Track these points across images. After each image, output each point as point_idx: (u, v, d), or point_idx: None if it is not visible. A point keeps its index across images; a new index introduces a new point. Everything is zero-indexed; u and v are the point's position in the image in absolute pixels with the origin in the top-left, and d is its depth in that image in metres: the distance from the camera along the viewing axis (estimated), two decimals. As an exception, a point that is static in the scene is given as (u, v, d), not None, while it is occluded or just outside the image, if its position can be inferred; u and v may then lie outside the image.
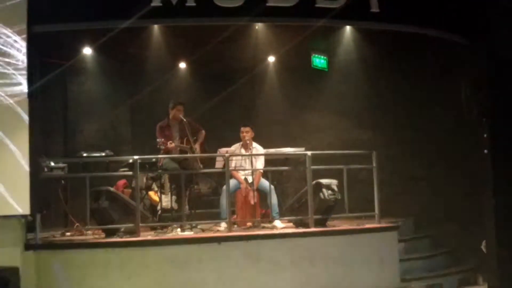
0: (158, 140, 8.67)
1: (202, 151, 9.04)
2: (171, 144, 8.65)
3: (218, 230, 8.54)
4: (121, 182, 9.56)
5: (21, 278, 7.02)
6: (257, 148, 9.30)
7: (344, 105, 11.11)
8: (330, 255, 8.06)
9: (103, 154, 9.45)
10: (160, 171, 8.96)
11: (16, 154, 7.25)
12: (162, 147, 8.69)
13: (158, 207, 9.24)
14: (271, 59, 11.60)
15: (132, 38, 9.63)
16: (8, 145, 7.24)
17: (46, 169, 8.50)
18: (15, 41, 7.36)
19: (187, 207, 8.90)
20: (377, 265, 8.24)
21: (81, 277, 7.41)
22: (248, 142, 9.19)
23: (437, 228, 9.76)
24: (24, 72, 7.35)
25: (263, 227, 8.80)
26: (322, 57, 11.23)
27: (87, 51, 10.58)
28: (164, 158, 8.81)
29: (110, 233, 8.11)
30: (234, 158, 9.06)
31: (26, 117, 7.29)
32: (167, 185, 9.33)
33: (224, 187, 8.58)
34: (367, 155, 8.84)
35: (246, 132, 9.21)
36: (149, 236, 8.08)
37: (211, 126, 9.87)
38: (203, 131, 9.15)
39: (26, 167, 7.23)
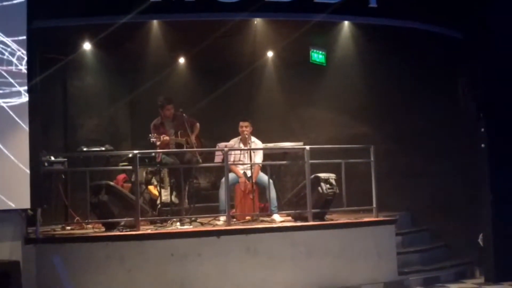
0: (150, 135, 8.70)
1: (198, 143, 9.09)
2: (164, 138, 8.69)
3: (217, 224, 8.59)
4: (121, 176, 9.61)
5: (22, 272, 7.04)
6: (255, 142, 9.35)
7: (342, 100, 11.13)
8: (328, 248, 8.11)
9: (103, 148, 9.50)
10: (159, 165, 9.01)
11: (17, 148, 7.27)
12: (158, 142, 8.72)
13: (158, 201, 9.27)
14: (270, 54, 11.61)
15: (132, 33, 9.63)
16: (8, 139, 7.26)
17: (46, 164, 8.53)
18: (15, 36, 7.39)
19: (186, 201, 8.95)
20: (375, 259, 8.29)
21: (81, 271, 7.45)
22: (247, 136, 9.24)
23: (434, 222, 9.81)
24: (24, 67, 7.38)
25: (262, 221, 8.84)
26: (320, 52, 11.23)
27: (87, 46, 10.57)
28: (163, 152, 8.85)
29: (110, 227, 8.16)
30: (233, 152, 9.10)
31: (26, 112, 7.32)
32: (167, 179, 9.38)
33: (223, 181, 8.63)
34: (365, 149, 8.89)
35: (246, 127, 9.25)
36: (148, 230, 8.13)
37: (210, 120, 9.92)
38: (197, 124, 9.20)
39: (27, 162, 7.26)
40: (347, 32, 10.26)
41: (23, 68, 7.37)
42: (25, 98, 7.34)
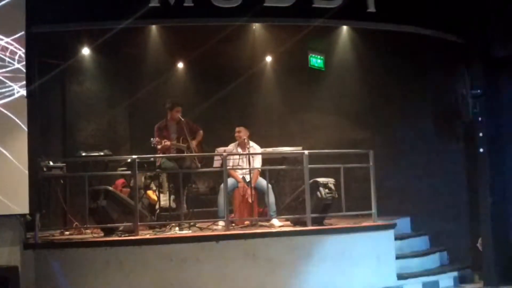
0: (152, 139, 8.69)
1: (200, 151, 9.08)
2: (165, 143, 8.68)
3: (216, 229, 8.59)
4: (120, 181, 9.61)
5: (21, 277, 7.04)
6: (253, 147, 9.35)
7: (341, 105, 11.14)
8: (327, 253, 8.09)
9: (102, 153, 9.48)
10: (158, 170, 9.00)
11: (15, 154, 7.26)
12: (159, 146, 8.72)
13: (157, 206, 9.27)
14: (269, 59, 11.62)
15: (130, 38, 9.67)
16: (7, 145, 7.26)
17: (45, 169, 8.51)
18: (14, 41, 7.39)
19: (185, 206, 8.94)
20: (374, 263, 8.28)
21: (80, 276, 7.44)
22: (246, 141, 9.24)
23: (433, 226, 9.80)
24: (23, 72, 7.38)
25: (261, 226, 8.83)
26: (319, 57, 11.26)
27: (86, 51, 10.60)
28: (162, 157, 8.84)
29: (108, 232, 8.15)
30: (231, 157, 9.10)
31: (24, 117, 7.32)
32: (165, 184, 9.38)
33: (222, 186, 8.62)
34: (364, 154, 8.89)
35: (238, 132, 9.28)
36: (147, 235, 8.11)
37: (209, 125, 9.91)
38: (201, 131, 9.20)
39: (25, 167, 7.26)
40: (345, 36, 10.31)
41: (16, 63, 7.35)
42: (19, 95, 7.30)
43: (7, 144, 7.24)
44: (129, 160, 8.75)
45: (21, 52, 7.41)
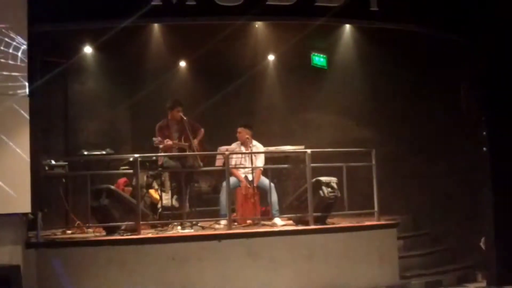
0: (154, 139, 8.68)
1: (201, 150, 9.07)
2: (167, 142, 8.67)
3: (218, 228, 8.57)
4: (122, 180, 9.59)
5: (23, 276, 7.03)
6: (257, 146, 9.34)
7: (343, 103, 11.13)
8: (329, 252, 8.08)
9: (104, 152, 9.49)
10: (160, 169, 8.99)
11: (17, 152, 7.24)
12: (161, 146, 8.70)
13: (159, 205, 9.26)
14: (271, 57, 11.62)
15: (133, 37, 9.66)
16: (9, 144, 7.24)
17: (47, 168, 8.52)
18: (16, 40, 7.38)
19: (187, 205, 8.94)
20: (377, 262, 8.26)
21: (82, 275, 7.43)
22: (248, 140, 9.23)
23: (436, 225, 9.79)
24: (25, 71, 7.37)
25: (263, 225, 8.82)
26: (321, 55, 11.26)
27: (88, 50, 10.61)
28: (165, 156, 8.83)
29: (111, 231, 8.14)
30: (234, 156, 9.09)
31: (27, 116, 7.30)
32: (168, 183, 9.36)
33: (224, 185, 8.61)
34: (367, 153, 8.87)
35: (239, 133, 9.28)
36: (149, 234, 8.10)
37: (211, 124, 9.89)
38: (202, 130, 9.18)
39: (27, 166, 7.25)
40: (348, 35, 10.31)
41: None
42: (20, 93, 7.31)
43: (9, 143, 7.22)
44: (131, 159, 8.73)
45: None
